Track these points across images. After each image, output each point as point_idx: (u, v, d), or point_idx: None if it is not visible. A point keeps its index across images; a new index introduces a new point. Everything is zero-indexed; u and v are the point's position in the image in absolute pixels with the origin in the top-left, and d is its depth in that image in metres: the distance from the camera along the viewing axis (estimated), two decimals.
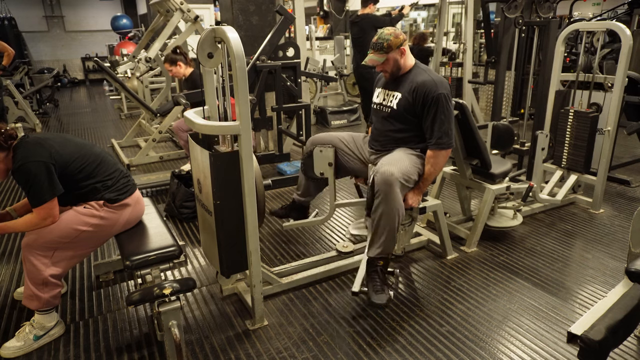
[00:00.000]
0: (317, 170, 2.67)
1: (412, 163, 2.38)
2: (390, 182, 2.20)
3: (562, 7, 7.48)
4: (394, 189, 2.21)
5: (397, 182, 2.21)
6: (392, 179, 2.20)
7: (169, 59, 4.10)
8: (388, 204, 2.21)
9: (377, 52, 2.39)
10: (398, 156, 2.39)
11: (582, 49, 3.93)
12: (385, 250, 2.29)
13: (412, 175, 2.35)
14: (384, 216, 2.23)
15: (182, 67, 4.12)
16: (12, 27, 11.52)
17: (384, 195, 2.21)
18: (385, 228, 2.25)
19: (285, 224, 2.94)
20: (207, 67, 2.06)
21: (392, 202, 2.21)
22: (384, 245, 2.28)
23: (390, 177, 2.20)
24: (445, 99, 2.33)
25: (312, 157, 2.66)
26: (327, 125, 6.80)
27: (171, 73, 4.17)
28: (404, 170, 2.28)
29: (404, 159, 2.37)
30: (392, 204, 2.22)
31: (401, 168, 2.28)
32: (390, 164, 2.27)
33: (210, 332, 2.22)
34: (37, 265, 2.03)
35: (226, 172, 1.98)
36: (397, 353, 2.05)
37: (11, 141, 1.99)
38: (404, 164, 2.32)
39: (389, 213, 2.22)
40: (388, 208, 2.22)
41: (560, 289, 2.53)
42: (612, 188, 4.02)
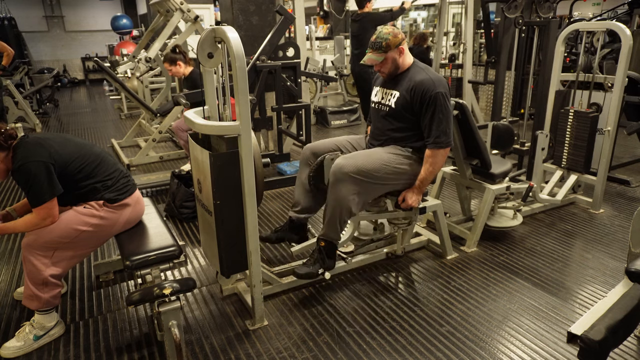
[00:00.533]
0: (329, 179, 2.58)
1: (378, 159, 2.37)
2: (337, 176, 2.30)
3: (562, 7, 7.48)
4: (338, 183, 2.30)
5: (345, 176, 2.28)
6: (339, 173, 2.29)
7: (169, 58, 4.11)
8: (332, 194, 2.33)
9: (375, 52, 2.39)
10: (366, 152, 2.44)
11: (582, 49, 3.93)
12: (326, 234, 2.40)
13: (374, 171, 2.34)
14: (329, 204, 2.36)
15: (182, 67, 4.12)
16: (12, 27, 11.53)
17: (331, 186, 2.34)
18: (328, 214, 2.37)
19: (293, 249, 2.66)
20: (207, 67, 2.06)
21: (335, 193, 2.32)
22: (326, 230, 2.39)
23: (339, 171, 2.30)
24: (443, 97, 2.33)
25: (322, 167, 2.48)
26: (327, 125, 6.80)
27: (171, 72, 4.17)
28: (360, 165, 2.31)
29: (369, 155, 2.40)
30: (335, 195, 2.32)
31: (356, 163, 2.31)
32: (347, 158, 2.36)
33: (210, 332, 2.22)
34: (37, 265, 2.03)
35: (226, 172, 1.98)
36: (397, 353, 2.05)
37: (11, 141, 1.99)
38: (360, 159, 2.34)
39: (332, 202, 2.34)
40: (331, 198, 2.34)
41: (560, 289, 2.53)
42: (612, 188, 4.02)
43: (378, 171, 2.35)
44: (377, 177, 2.36)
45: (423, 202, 2.65)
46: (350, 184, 2.30)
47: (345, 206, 2.33)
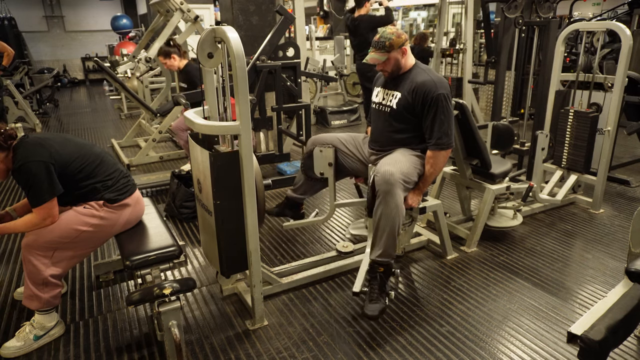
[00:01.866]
0: (317, 170, 2.67)
1: (412, 164, 2.38)
2: (390, 183, 2.19)
3: (562, 7, 7.48)
4: (394, 190, 2.20)
5: (397, 183, 2.20)
6: (392, 179, 2.19)
7: (163, 51, 4.10)
8: (388, 205, 2.20)
9: (378, 51, 2.39)
10: (398, 157, 2.38)
11: (582, 49, 3.93)
12: (386, 252, 2.24)
13: (412, 176, 2.35)
14: (384, 217, 2.21)
15: (177, 60, 4.11)
16: (12, 27, 11.52)
17: (383, 195, 2.20)
18: (386, 229, 2.22)
19: (285, 224, 2.94)
20: (207, 67, 2.06)
21: (392, 202, 2.20)
22: (384, 247, 2.23)
23: (391, 177, 2.19)
24: (445, 99, 2.33)
25: (312, 157, 2.66)
26: (327, 125, 6.80)
27: (166, 66, 4.17)
28: (404, 171, 2.28)
29: (404, 159, 2.37)
30: (393, 205, 2.20)
31: (401, 169, 2.27)
32: (391, 164, 2.27)
33: (210, 332, 2.22)
34: (37, 266, 2.03)
35: (226, 172, 1.98)
36: (397, 353, 2.05)
37: (11, 141, 1.99)
38: (404, 165, 2.31)
39: (388, 214, 2.20)
40: (388, 209, 2.20)
41: (560, 289, 2.53)
42: (612, 188, 4.02)
43: (412, 174, 2.36)
44: (412, 182, 2.37)
45: (423, 202, 2.66)
46: (401, 190, 2.24)
47: (402, 214, 2.24)
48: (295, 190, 2.92)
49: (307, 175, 2.81)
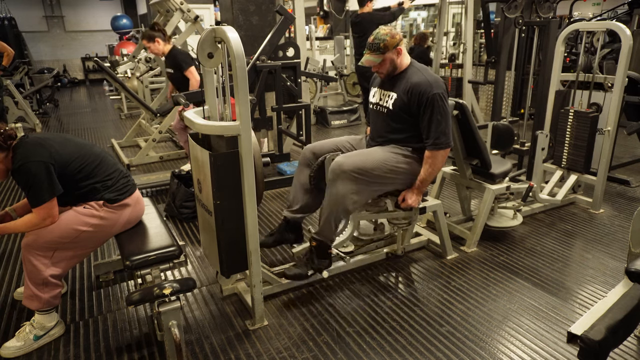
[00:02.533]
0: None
1: (378, 158, 2.37)
2: (336, 173, 2.30)
3: (562, 7, 7.47)
4: (337, 180, 2.30)
5: (344, 174, 2.29)
6: (338, 170, 2.30)
7: (147, 35, 4.07)
8: (331, 192, 2.34)
9: (373, 53, 2.38)
10: (365, 151, 2.45)
11: (582, 49, 3.93)
12: (321, 233, 2.39)
13: (373, 170, 2.34)
14: (326, 202, 2.36)
15: (161, 44, 4.08)
16: (12, 27, 11.53)
17: (329, 183, 2.35)
18: (325, 212, 2.36)
19: (294, 250, 2.75)
20: (207, 67, 2.06)
21: (333, 190, 2.32)
22: (321, 227, 2.38)
23: (338, 168, 2.30)
24: (440, 98, 2.32)
25: (323, 168, 2.48)
26: (327, 125, 6.80)
27: (149, 50, 4.14)
28: (359, 163, 2.32)
29: (372, 153, 2.41)
30: (334, 193, 2.32)
31: (355, 161, 2.32)
32: (347, 156, 2.37)
33: (210, 332, 2.22)
34: (37, 266, 2.03)
35: (226, 172, 1.98)
36: (397, 353, 2.05)
37: (11, 141, 1.99)
38: (360, 158, 2.34)
39: (329, 200, 2.34)
40: (330, 195, 2.34)
41: (560, 289, 2.53)
42: (612, 188, 4.02)
43: (376, 170, 2.35)
44: (376, 176, 2.36)
45: (423, 202, 2.65)
46: (348, 182, 2.30)
47: (342, 204, 2.33)
48: (295, 210, 2.60)
49: (317, 188, 2.54)
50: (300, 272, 2.41)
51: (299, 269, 2.42)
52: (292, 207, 2.61)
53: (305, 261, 2.44)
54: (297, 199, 2.60)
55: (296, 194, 2.61)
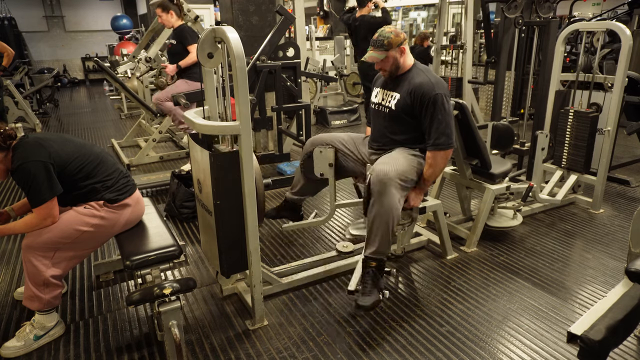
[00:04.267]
0: (317, 171, 2.67)
1: (410, 163, 2.37)
2: (384, 182, 2.19)
3: (562, 7, 7.48)
4: (388, 189, 2.19)
5: (392, 182, 2.20)
6: (386, 178, 2.19)
7: (163, 4, 4.08)
8: (382, 204, 2.20)
9: (377, 49, 2.39)
10: (395, 156, 2.38)
11: (582, 49, 3.93)
12: (379, 251, 2.25)
13: (410, 175, 2.34)
14: (378, 216, 2.21)
15: (173, 17, 4.11)
16: (12, 27, 11.52)
17: (378, 195, 2.20)
18: (380, 228, 2.22)
19: (284, 225, 2.93)
20: (207, 67, 2.06)
21: (386, 202, 2.20)
22: (377, 246, 2.24)
23: (385, 176, 2.19)
24: (442, 99, 2.32)
25: (312, 158, 2.64)
26: (327, 125, 6.80)
27: (160, 19, 4.17)
28: (400, 170, 2.27)
29: (401, 158, 2.36)
30: (387, 205, 2.20)
31: (397, 168, 2.26)
32: (386, 163, 2.27)
33: (210, 332, 2.22)
34: (38, 266, 2.03)
35: (226, 172, 1.98)
36: (397, 353, 2.05)
37: (10, 141, 1.99)
38: (400, 164, 2.31)
39: (383, 213, 2.20)
40: (382, 208, 2.20)
41: (560, 289, 2.53)
42: (612, 188, 4.03)
43: (410, 173, 2.34)
44: (410, 180, 2.35)
45: (423, 202, 2.65)
46: (397, 190, 2.23)
47: (396, 214, 2.23)
48: (294, 191, 2.91)
49: (306, 176, 2.79)
50: (376, 299, 2.18)
51: (370, 296, 2.18)
52: (293, 189, 2.93)
53: (371, 286, 2.22)
54: (297, 183, 2.91)
55: (297, 179, 2.91)
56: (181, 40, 4.12)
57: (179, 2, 4.18)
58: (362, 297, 2.19)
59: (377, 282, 2.24)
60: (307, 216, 3.36)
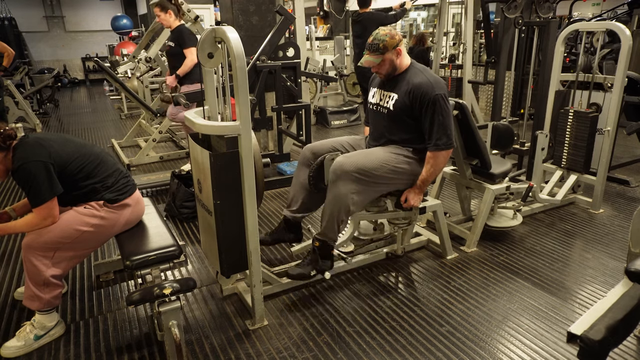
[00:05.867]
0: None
1: (378, 158, 2.37)
2: (337, 174, 2.30)
3: (562, 7, 7.48)
4: (338, 181, 2.30)
5: (345, 174, 2.28)
6: (339, 171, 2.29)
7: (162, 4, 4.09)
8: (332, 193, 2.33)
9: (373, 53, 2.38)
10: (367, 151, 2.44)
11: (582, 49, 3.93)
12: (323, 232, 2.38)
13: (374, 170, 2.34)
14: (328, 203, 2.35)
15: (172, 17, 4.11)
16: (13, 27, 11.52)
17: (330, 184, 2.34)
18: (326, 214, 2.35)
19: (294, 249, 2.82)
20: (207, 67, 2.06)
21: (336, 191, 2.31)
22: (324, 227, 2.38)
23: (339, 168, 2.30)
24: (442, 99, 2.32)
25: (322, 168, 2.48)
26: (327, 125, 6.80)
27: (159, 19, 4.17)
28: (360, 164, 2.31)
29: (369, 154, 2.41)
30: (336, 194, 2.31)
31: (356, 162, 2.31)
32: (348, 156, 2.36)
33: (210, 332, 2.22)
34: (38, 266, 2.03)
35: (226, 172, 1.98)
36: (397, 353, 2.05)
37: (10, 141, 1.99)
38: (360, 158, 2.34)
39: (332, 201, 2.33)
40: (331, 196, 2.33)
41: (560, 289, 2.53)
42: (612, 188, 4.03)
43: (377, 170, 2.35)
44: (377, 176, 2.36)
45: (423, 202, 2.65)
46: (350, 183, 2.30)
47: (344, 205, 2.32)
48: (295, 209, 2.62)
49: (316, 188, 2.53)
50: (303, 272, 2.40)
51: (301, 269, 2.42)
52: (292, 206, 2.63)
53: (308, 262, 2.44)
54: (297, 198, 2.62)
55: (296, 193, 2.63)
56: (179, 42, 4.12)
57: (177, 2, 4.19)
58: (295, 267, 2.43)
59: (315, 261, 2.41)
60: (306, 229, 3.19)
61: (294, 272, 2.40)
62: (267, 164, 2.43)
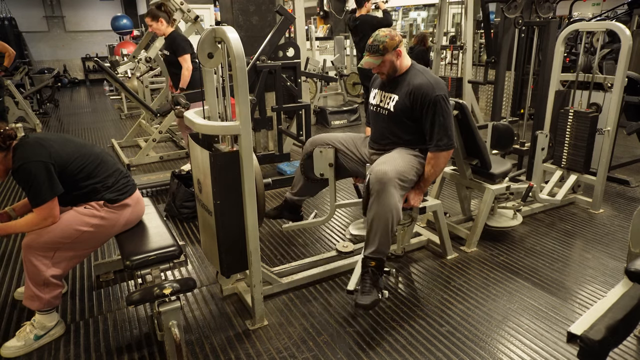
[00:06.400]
0: (317, 171, 2.67)
1: (409, 163, 2.37)
2: (384, 182, 2.19)
3: (562, 7, 7.48)
4: (387, 189, 2.19)
5: (391, 182, 2.20)
6: (385, 178, 2.19)
7: (152, 13, 4.09)
8: (381, 204, 2.20)
9: (373, 55, 2.38)
10: (394, 156, 2.39)
11: (582, 49, 3.93)
12: (378, 250, 2.24)
13: (409, 175, 2.34)
14: (377, 216, 2.21)
15: (164, 25, 4.10)
16: (13, 27, 11.52)
17: (377, 194, 2.20)
18: (379, 228, 2.21)
19: (284, 226, 2.94)
20: (207, 67, 2.06)
21: (385, 202, 2.19)
22: (377, 245, 2.23)
23: (384, 176, 2.19)
24: (443, 100, 2.32)
25: (311, 158, 2.64)
26: (327, 125, 6.80)
27: (151, 28, 4.17)
28: (399, 169, 2.27)
29: (400, 159, 2.36)
30: (386, 204, 2.20)
31: (396, 167, 2.26)
32: (385, 163, 2.28)
33: (210, 332, 2.22)
34: (38, 266, 2.03)
35: (226, 172, 1.98)
36: (397, 353, 2.05)
37: (10, 141, 1.99)
38: (399, 164, 2.31)
39: (382, 213, 2.20)
40: (381, 208, 2.20)
41: (560, 289, 2.53)
42: (612, 188, 4.03)
43: (409, 173, 2.35)
44: (409, 180, 2.35)
45: (423, 202, 2.65)
46: (396, 189, 2.23)
47: (396, 213, 2.23)
48: (294, 192, 2.91)
49: (306, 176, 2.79)
50: (374, 298, 2.17)
51: (370, 296, 2.18)
52: (292, 189, 2.93)
53: (370, 285, 2.22)
54: (297, 183, 2.90)
55: (297, 179, 2.90)
56: (173, 50, 4.12)
57: (167, 10, 4.18)
58: (362, 296, 2.19)
59: (377, 281, 2.24)
60: (307, 216, 3.37)
61: (366, 301, 2.15)
62: (268, 185, 2.43)
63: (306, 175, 2.80)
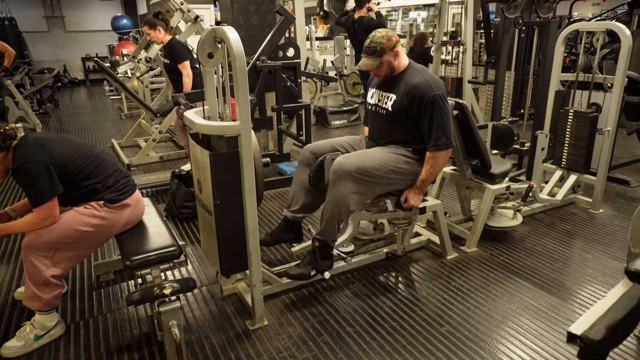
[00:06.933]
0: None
1: (379, 159, 2.37)
2: (337, 174, 2.30)
3: (562, 7, 7.48)
4: (340, 180, 2.30)
5: (345, 174, 2.29)
6: (339, 171, 2.30)
7: (150, 22, 4.10)
8: (332, 193, 2.33)
9: (370, 56, 2.37)
10: (371, 152, 2.45)
11: (582, 49, 3.93)
12: (323, 233, 2.39)
13: (375, 170, 2.34)
14: (328, 203, 2.36)
15: (161, 33, 4.12)
16: (13, 27, 11.53)
17: (331, 184, 2.34)
18: (327, 212, 2.36)
19: (294, 249, 2.76)
20: (208, 67, 2.06)
21: (336, 191, 2.32)
22: (323, 227, 2.39)
23: (339, 168, 2.30)
24: (441, 99, 2.32)
25: (322, 168, 2.48)
26: (327, 125, 6.80)
27: (149, 37, 4.17)
28: (360, 164, 2.31)
29: (371, 154, 2.41)
30: (336, 194, 2.32)
31: (357, 162, 2.31)
32: (349, 157, 2.36)
33: (210, 332, 2.22)
34: (38, 266, 2.03)
35: (226, 172, 1.98)
36: (397, 353, 2.05)
37: (10, 141, 1.99)
38: (363, 159, 2.34)
39: (332, 201, 2.33)
40: (331, 196, 2.34)
41: (560, 289, 2.53)
42: (612, 188, 4.03)
43: (378, 170, 2.35)
44: (377, 176, 2.36)
45: (423, 202, 2.65)
46: (350, 183, 2.30)
47: (344, 205, 2.33)
48: (295, 209, 2.63)
49: (316, 188, 2.54)
50: (303, 272, 2.41)
51: (301, 269, 2.42)
52: (292, 206, 2.64)
53: (308, 262, 2.44)
54: (297, 198, 2.62)
55: (296, 193, 2.63)
56: (172, 57, 4.12)
57: (164, 17, 4.19)
58: (295, 267, 2.44)
59: (315, 261, 2.42)
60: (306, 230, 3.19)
61: (294, 272, 2.40)
62: (267, 164, 2.42)
63: (316, 187, 2.54)
